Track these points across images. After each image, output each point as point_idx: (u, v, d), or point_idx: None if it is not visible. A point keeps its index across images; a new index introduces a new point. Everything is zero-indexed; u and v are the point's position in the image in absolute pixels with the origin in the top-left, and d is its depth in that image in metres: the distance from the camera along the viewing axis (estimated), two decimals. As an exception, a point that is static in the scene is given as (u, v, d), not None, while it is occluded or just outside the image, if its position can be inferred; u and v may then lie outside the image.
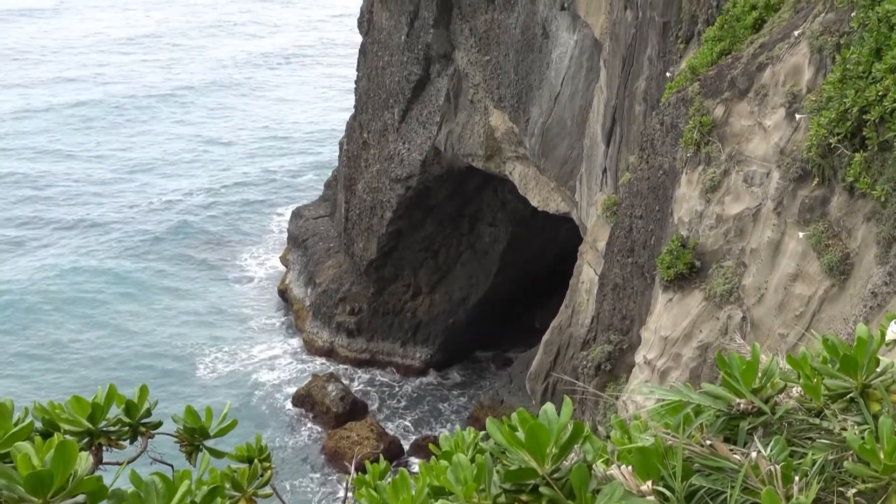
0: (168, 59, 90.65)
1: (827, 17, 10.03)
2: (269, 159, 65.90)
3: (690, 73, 13.76)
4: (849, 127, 8.78)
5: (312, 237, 48.84)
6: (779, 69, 10.67)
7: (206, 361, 42.46)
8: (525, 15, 32.59)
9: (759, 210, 10.58)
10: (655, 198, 13.89)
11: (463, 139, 37.94)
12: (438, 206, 42.84)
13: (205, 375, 41.51)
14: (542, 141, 32.04)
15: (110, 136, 69.57)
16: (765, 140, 10.57)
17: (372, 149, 43.45)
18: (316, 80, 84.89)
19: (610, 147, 25.52)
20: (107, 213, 57.05)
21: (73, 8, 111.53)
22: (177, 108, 75.83)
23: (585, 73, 28.97)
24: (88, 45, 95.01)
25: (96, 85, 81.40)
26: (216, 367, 42.13)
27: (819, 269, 9.17)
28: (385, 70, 41.89)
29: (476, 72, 36.85)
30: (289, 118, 74.61)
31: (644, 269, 14.69)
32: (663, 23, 21.55)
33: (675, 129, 12.98)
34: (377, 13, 42.68)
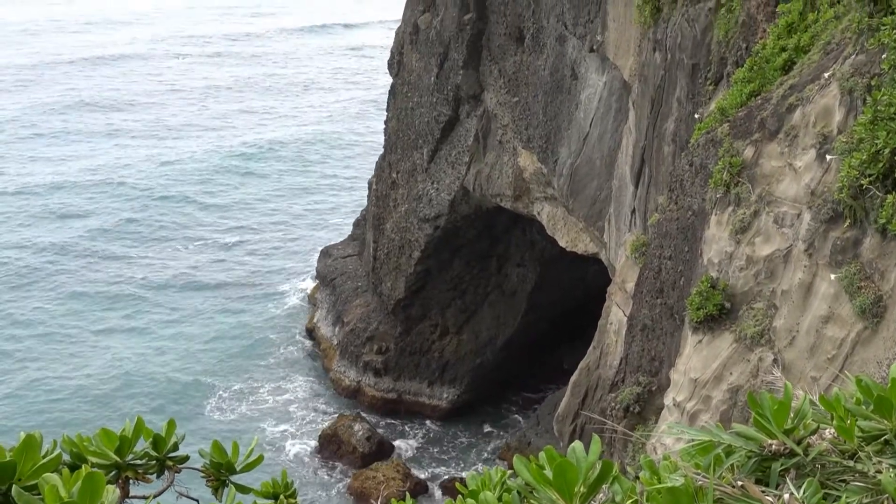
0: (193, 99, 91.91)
1: (857, 59, 9.99)
2: (299, 197, 66.35)
3: (720, 114, 13.75)
4: (880, 168, 8.71)
5: (341, 276, 49.00)
6: (809, 110, 10.63)
7: (230, 398, 42.52)
8: (554, 57, 32.79)
9: (789, 251, 10.49)
10: (685, 239, 13.81)
11: (491, 179, 38.05)
12: (466, 246, 42.89)
13: (227, 411, 41.55)
14: (571, 181, 32.06)
15: (138, 165, 70.37)
16: (795, 181, 10.50)
17: (401, 188, 43.66)
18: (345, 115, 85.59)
19: (639, 188, 25.48)
20: (135, 247, 57.56)
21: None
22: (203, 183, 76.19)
23: (614, 115, 29.04)
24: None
25: (101, 111, 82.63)
26: (240, 403, 42.16)
27: (851, 312, 9.05)
28: (415, 110, 42.22)
29: (505, 112, 37.04)
30: (314, 147, 75.13)
31: (673, 310, 14.58)
32: (692, 65, 21.58)
33: (705, 170, 12.93)
34: (407, 55, 43.12)
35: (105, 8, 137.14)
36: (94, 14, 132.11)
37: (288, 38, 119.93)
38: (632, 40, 26.67)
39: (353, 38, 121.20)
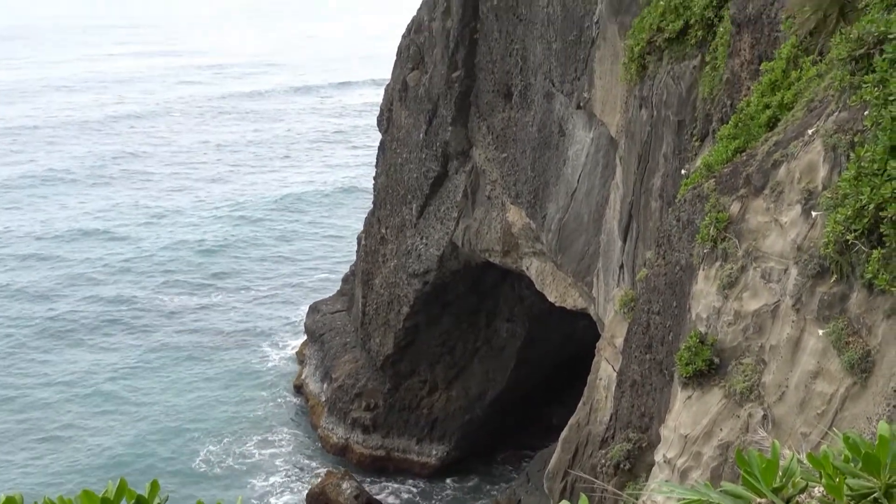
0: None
1: (840, 116, 10.13)
2: (286, 252, 66.34)
3: (706, 170, 13.86)
4: (865, 224, 8.77)
5: (329, 332, 48.80)
6: (794, 166, 10.73)
7: (218, 452, 42.06)
8: (542, 113, 33.13)
9: (777, 307, 10.51)
10: (673, 294, 13.84)
11: (480, 235, 38.17)
12: (455, 302, 42.85)
13: (215, 465, 41.07)
14: (559, 237, 32.17)
15: (127, 214, 70.38)
16: (781, 236, 10.57)
17: (390, 244, 43.73)
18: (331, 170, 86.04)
19: (627, 243, 25.58)
20: (112, 308, 57.28)
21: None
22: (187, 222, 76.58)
23: (601, 170, 29.26)
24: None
25: (110, 161, 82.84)
26: (227, 457, 41.69)
27: (840, 367, 9.04)
28: (404, 166, 42.47)
29: (493, 168, 37.29)
30: (305, 205, 75.35)
31: (662, 365, 14.55)
32: (678, 121, 21.83)
33: (692, 226, 13.00)
34: (396, 111, 43.51)
35: (89, 69, 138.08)
36: (76, 76, 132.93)
37: (277, 96, 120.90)
38: (618, 97, 27.00)
39: (343, 96, 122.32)
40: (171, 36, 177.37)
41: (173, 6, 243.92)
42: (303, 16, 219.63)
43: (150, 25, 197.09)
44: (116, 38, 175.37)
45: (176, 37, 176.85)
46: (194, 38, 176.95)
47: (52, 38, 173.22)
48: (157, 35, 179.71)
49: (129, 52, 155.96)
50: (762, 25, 16.30)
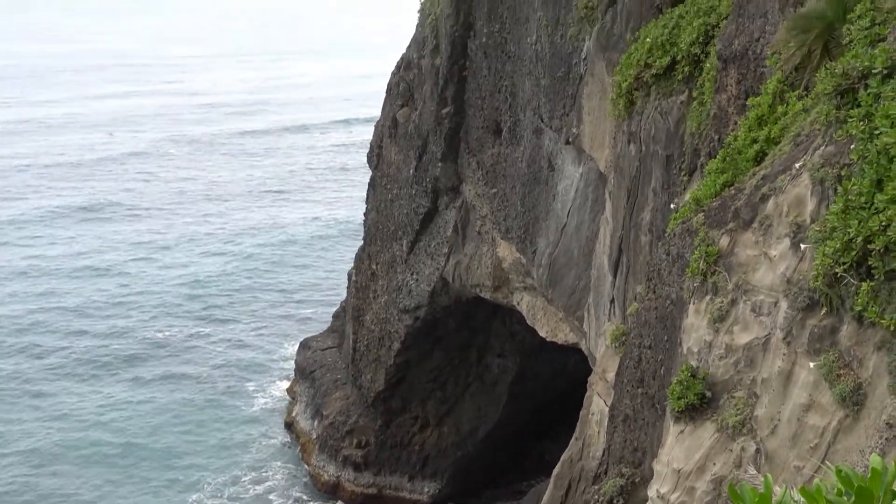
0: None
1: (827, 150, 10.22)
2: (277, 288, 66.22)
3: (695, 204, 13.93)
4: (854, 256, 8.82)
5: (320, 368, 48.60)
6: (782, 200, 10.80)
7: (210, 491, 41.66)
8: (531, 149, 33.31)
9: (768, 340, 10.52)
10: (664, 328, 13.84)
11: (471, 270, 38.18)
12: (447, 337, 42.76)
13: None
14: (550, 271, 32.20)
15: (119, 248, 70.19)
16: (771, 270, 10.61)
17: (380, 280, 43.70)
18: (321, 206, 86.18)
19: (617, 277, 25.61)
20: (102, 343, 56.99)
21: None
22: (178, 254, 76.45)
23: (591, 205, 29.37)
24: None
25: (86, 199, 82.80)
26: (215, 499, 41.31)
27: (832, 400, 9.04)
28: (394, 202, 42.57)
29: (483, 204, 37.40)
30: (295, 246, 75.35)
31: (655, 399, 14.51)
32: (666, 156, 21.97)
33: (682, 260, 13.04)
34: (386, 148, 43.69)
35: (79, 108, 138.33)
36: (67, 115, 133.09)
37: (268, 135, 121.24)
38: (606, 133, 27.17)
39: (335, 134, 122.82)
40: (161, 75, 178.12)
41: (163, 46, 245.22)
42: (292, 57, 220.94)
43: (141, 65, 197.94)
44: (107, 77, 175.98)
45: (167, 76, 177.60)
46: (185, 78, 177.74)
47: (42, 78, 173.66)
48: (148, 74, 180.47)
49: (120, 91, 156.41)
50: (748, 61, 16.48)
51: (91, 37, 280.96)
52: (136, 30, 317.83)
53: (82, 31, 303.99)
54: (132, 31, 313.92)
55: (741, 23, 16.95)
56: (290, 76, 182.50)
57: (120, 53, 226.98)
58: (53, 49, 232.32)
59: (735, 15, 17.33)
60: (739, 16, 17.07)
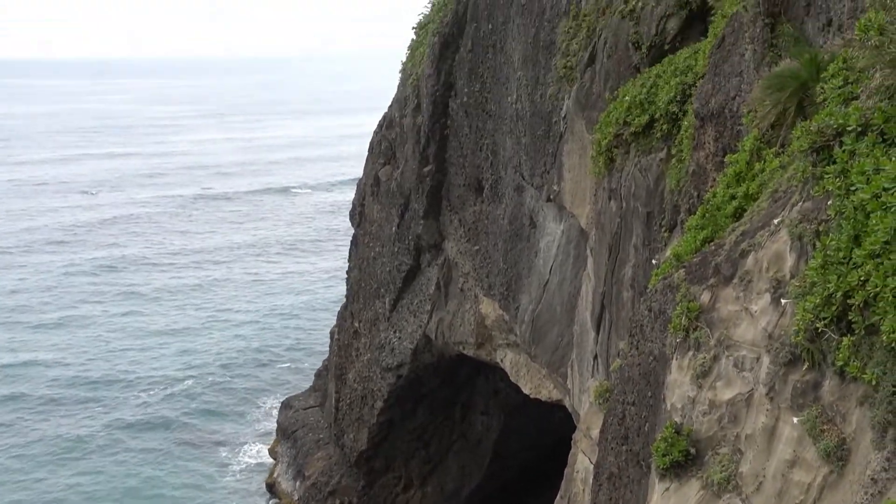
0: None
1: (804, 206, 10.34)
2: (258, 349, 65.79)
3: (675, 260, 14.01)
4: (834, 312, 8.87)
5: (302, 428, 48.09)
6: (761, 256, 10.89)
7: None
8: (513, 206, 33.51)
9: (751, 395, 10.52)
10: (647, 384, 13.82)
11: (454, 327, 38.10)
12: (430, 395, 42.49)
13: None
14: (533, 328, 32.18)
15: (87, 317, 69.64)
16: (752, 325, 10.65)
17: (363, 338, 43.52)
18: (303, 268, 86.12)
19: (600, 333, 25.62)
20: (95, 389, 56.30)
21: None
22: (153, 305, 76.11)
23: (573, 261, 29.48)
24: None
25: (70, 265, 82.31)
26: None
27: (816, 456, 9.03)
28: (376, 260, 42.58)
29: (466, 261, 37.47)
30: (279, 307, 75.06)
31: (639, 456, 14.42)
32: (647, 212, 22.15)
33: (664, 316, 13.07)
34: (368, 206, 43.84)
35: (60, 171, 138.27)
36: (48, 176, 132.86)
37: (249, 197, 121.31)
38: (587, 190, 27.40)
39: (315, 196, 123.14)
40: (140, 138, 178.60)
41: (142, 108, 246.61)
42: (276, 116, 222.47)
43: (122, 127, 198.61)
44: (88, 139, 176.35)
45: (146, 138, 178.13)
46: (169, 139, 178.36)
47: (23, 140, 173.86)
48: (127, 136, 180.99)
49: (101, 153, 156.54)
50: (725, 119, 16.74)
51: (76, 97, 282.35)
52: (120, 90, 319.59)
53: (68, 92, 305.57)
54: (117, 91, 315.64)
55: (717, 82, 17.24)
56: (274, 136, 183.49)
57: (104, 114, 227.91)
58: (39, 110, 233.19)
59: (711, 74, 17.63)
60: (715, 75, 17.38)
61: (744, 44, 16.38)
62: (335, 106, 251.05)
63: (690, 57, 22.14)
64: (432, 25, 40.05)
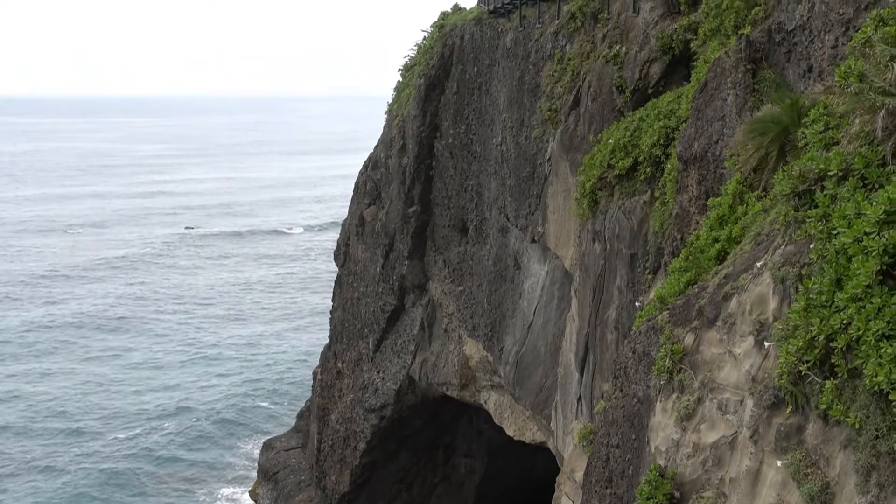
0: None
1: (787, 249, 10.40)
2: (241, 388, 65.26)
3: (659, 302, 14.05)
4: (817, 355, 8.90)
5: (283, 470, 47.59)
6: (745, 298, 10.94)
7: None
8: (497, 247, 33.58)
9: (735, 438, 10.51)
10: (631, 426, 13.78)
11: (437, 368, 37.96)
12: (413, 437, 42.18)
13: None
14: (517, 369, 32.10)
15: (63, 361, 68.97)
16: (736, 368, 10.67)
17: (346, 378, 43.27)
18: (285, 307, 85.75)
19: (584, 375, 25.57)
20: (55, 435, 55.55)
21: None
22: (126, 340, 75.66)
23: (557, 303, 29.51)
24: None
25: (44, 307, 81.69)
26: None
27: (800, 499, 9.00)
28: (360, 300, 42.48)
29: (450, 302, 37.44)
30: (262, 347, 74.62)
31: (623, 500, 14.34)
32: (630, 254, 22.23)
33: (648, 358, 13.08)
34: (353, 246, 43.83)
35: (43, 211, 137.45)
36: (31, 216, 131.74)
37: (234, 237, 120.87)
38: (571, 231, 27.51)
39: (303, 237, 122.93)
40: (125, 177, 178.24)
41: (128, 147, 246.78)
42: (261, 156, 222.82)
43: (106, 165, 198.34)
44: (71, 178, 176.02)
45: (131, 177, 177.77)
46: (154, 178, 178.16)
47: (5, 178, 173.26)
48: (111, 175, 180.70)
49: (85, 192, 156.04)
50: (707, 162, 16.89)
51: (60, 135, 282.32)
52: (105, 128, 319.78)
53: (52, 129, 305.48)
54: (102, 129, 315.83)
55: (700, 126, 17.42)
56: (260, 176, 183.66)
57: (88, 152, 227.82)
58: (25, 147, 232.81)
59: (694, 118, 17.82)
60: (698, 119, 17.56)
61: (726, 89, 16.59)
62: (321, 146, 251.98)
63: (674, 101, 22.39)
64: (418, 68, 40.39)
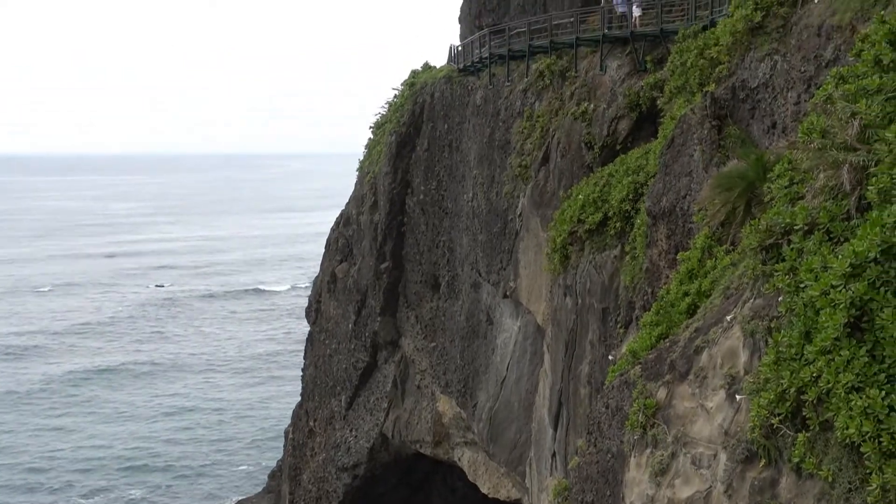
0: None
1: (756, 303, 10.48)
2: (212, 447, 64.26)
3: (631, 356, 14.08)
4: (788, 408, 8.93)
5: (254, 532, 46.74)
6: (715, 352, 10.99)
7: None
8: (469, 302, 33.58)
9: (710, 493, 10.46)
10: (606, 482, 13.69)
11: (410, 425, 37.63)
12: (386, 495, 41.63)
13: None
14: (491, 426, 31.89)
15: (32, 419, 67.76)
16: (709, 422, 10.67)
17: (318, 437, 42.77)
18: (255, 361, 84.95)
19: (558, 431, 25.45)
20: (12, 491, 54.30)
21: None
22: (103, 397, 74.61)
23: (530, 358, 29.47)
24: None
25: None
26: None
27: (776, 554, 8.97)
28: (332, 357, 42.19)
29: (422, 358, 37.28)
30: (233, 405, 73.72)
31: (599, 558, 14.19)
32: (602, 309, 22.31)
33: (621, 412, 13.06)
34: (325, 303, 43.64)
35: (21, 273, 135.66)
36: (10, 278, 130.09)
37: (207, 298, 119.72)
38: (543, 286, 27.59)
39: (275, 298, 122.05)
40: (97, 236, 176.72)
41: (99, 205, 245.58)
42: (230, 216, 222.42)
43: (78, 224, 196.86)
44: (42, 237, 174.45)
45: (103, 237, 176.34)
46: (130, 237, 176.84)
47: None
48: (83, 235, 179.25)
49: (57, 252, 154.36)
50: (676, 217, 17.08)
51: (33, 194, 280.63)
52: (77, 186, 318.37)
53: (25, 188, 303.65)
54: (72, 187, 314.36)
55: (668, 181, 17.65)
56: (231, 235, 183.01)
57: (61, 211, 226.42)
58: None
59: (662, 174, 18.05)
60: (666, 174, 17.79)
61: (693, 145, 16.85)
62: (294, 203, 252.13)
63: (642, 157, 22.69)
64: (389, 125, 40.71)
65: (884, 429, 7.46)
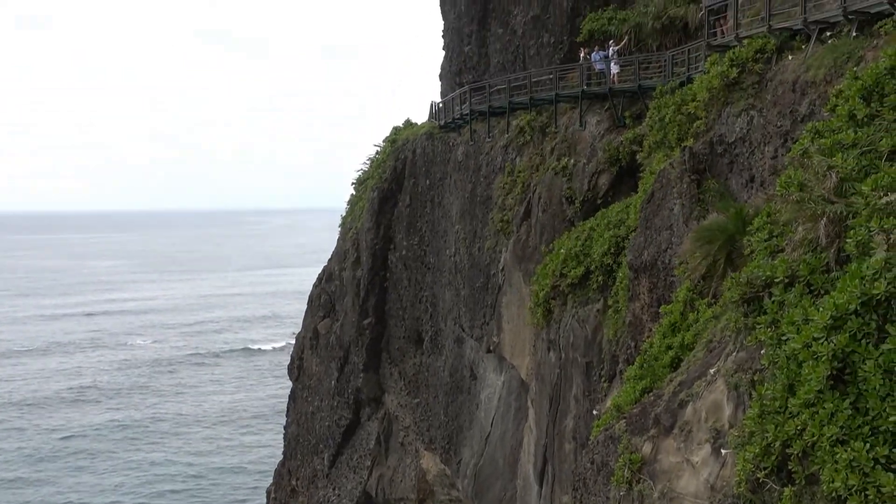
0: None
1: (739, 356, 10.49)
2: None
3: (616, 411, 14.02)
4: (774, 461, 8.89)
5: None
6: (700, 406, 10.96)
7: None
8: (453, 358, 33.44)
9: (697, 549, 10.37)
10: (593, 539, 13.54)
11: (394, 483, 37.19)
12: (370, 556, 40.95)
13: None
14: (475, 482, 31.55)
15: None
16: (695, 477, 10.61)
17: (301, 496, 42.14)
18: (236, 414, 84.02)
19: (543, 487, 25.21)
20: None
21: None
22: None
23: (514, 413, 29.29)
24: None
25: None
26: None
27: None
28: (315, 415, 41.78)
29: (406, 414, 36.98)
30: (215, 464, 72.71)
31: None
32: (586, 363, 22.26)
33: (607, 468, 12.96)
34: (307, 359, 43.35)
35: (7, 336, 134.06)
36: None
37: (189, 359, 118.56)
38: (527, 341, 27.54)
39: (259, 357, 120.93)
40: (76, 296, 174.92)
41: (85, 262, 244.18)
42: (213, 273, 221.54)
43: (57, 284, 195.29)
44: (19, 297, 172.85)
45: (82, 296, 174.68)
46: (114, 295, 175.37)
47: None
48: (62, 295, 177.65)
49: (35, 313, 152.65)
50: (658, 271, 17.15)
51: (11, 253, 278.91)
52: (55, 245, 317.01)
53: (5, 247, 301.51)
54: (51, 245, 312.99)
55: (649, 235, 17.76)
56: (212, 293, 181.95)
57: (40, 269, 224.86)
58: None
59: (643, 228, 18.17)
60: (647, 228, 17.91)
61: (672, 199, 17.00)
62: (275, 261, 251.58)
63: (622, 211, 22.86)
64: (371, 181, 40.88)
65: (870, 482, 7.43)
